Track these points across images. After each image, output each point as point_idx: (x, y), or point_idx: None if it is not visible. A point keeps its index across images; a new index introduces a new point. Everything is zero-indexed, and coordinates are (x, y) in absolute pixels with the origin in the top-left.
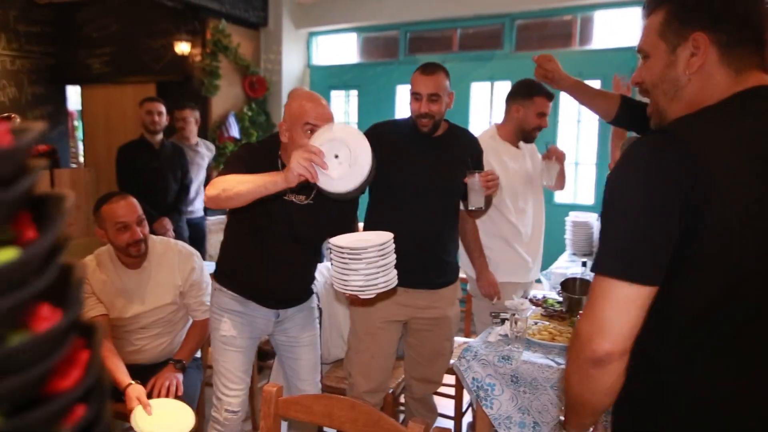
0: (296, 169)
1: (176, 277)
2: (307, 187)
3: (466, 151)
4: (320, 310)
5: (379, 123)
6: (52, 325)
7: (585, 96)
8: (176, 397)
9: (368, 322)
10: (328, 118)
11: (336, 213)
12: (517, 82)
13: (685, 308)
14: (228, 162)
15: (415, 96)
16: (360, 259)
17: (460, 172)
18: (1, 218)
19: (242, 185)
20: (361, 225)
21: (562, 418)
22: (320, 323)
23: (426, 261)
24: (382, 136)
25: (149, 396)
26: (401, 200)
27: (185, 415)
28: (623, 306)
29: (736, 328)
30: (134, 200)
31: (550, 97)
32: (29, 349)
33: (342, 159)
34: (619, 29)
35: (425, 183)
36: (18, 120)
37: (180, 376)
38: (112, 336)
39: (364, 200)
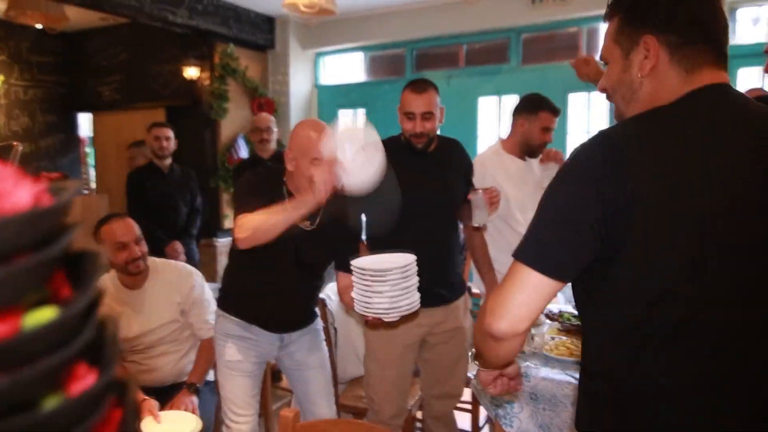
0: (321, 183)
1: (175, 294)
2: (311, 213)
3: (458, 159)
4: (335, 329)
5: None
6: (88, 387)
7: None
8: None
9: (389, 349)
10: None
11: (341, 238)
12: (523, 96)
13: (624, 308)
14: (240, 197)
15: (408, 116)
16: (384, 281)
17: (458, 184)
18: (39, 278)
19: (275, 218)
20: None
21: (474, 350)
22: (335, 342)
23: (435, 277)
24: None
25: None
26: (404, 220)
27: (191, 421)
28: (529, 293)
29: (672, 327)
30: (132, 221)
31: (556, 112)
32: (65, 413)
33: (353, 150)
34: None
35: (425, 199)
36: (20, 148)
37: (195, 400)
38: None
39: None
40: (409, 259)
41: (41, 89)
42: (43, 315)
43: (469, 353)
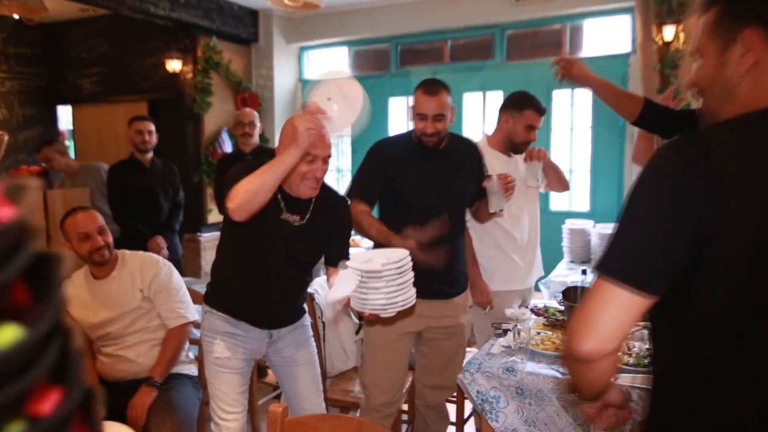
0: (302, 129)
1: (138, 281)
2: (301, 207)
3: (469, 158)
4: (323, 324)
5: (381, 141)
6: (54, 408)
7: (609, 96)
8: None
9: (385, 335)
10: (327, 146)
11: (331, 233)
12: (510, 93)
13: (697, 324)
14: (231, 179)
15: (421, 116)
16: (380, 277)
17: (467, 180)
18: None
19: (262, 176)
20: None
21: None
22: (323, 337)
23: (439, 273)
24: (388, 153)
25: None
26: (412, 214)
27: None
28: (618, 311)
29: (747, 348)
30: (95, 212)
31: (542, 111)
32: None
33: (335, 98)
34: (607, 37)
35: (434, 196)
36: (6, 137)
37: (154, 394)
38: (92, 350)
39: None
40: (401, 254)
41: (19, 81)
42: (6, 335)
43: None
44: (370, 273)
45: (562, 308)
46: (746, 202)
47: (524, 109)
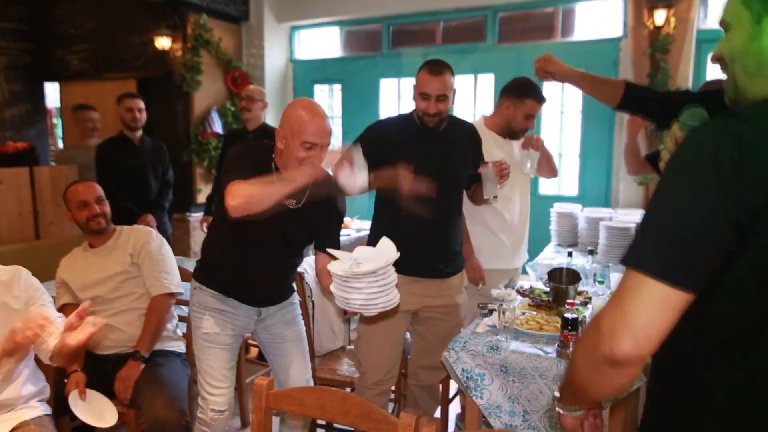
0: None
1: (129, 246)
2: (298, 191)
3: (467, 141)
4: (312, 303)
5: (378, 122)
6: None
7: (591, 86)
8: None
9: (380, 314)
10: (326, 134)
11: (325, 218)
12: (513, 79)
13: (732, 324)
14: (232, 164)
15: (423, 96)
16: (360, 281)
17: (465, 162)
18: None
19: (269, 189)
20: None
21: (557, 393)
22: (312, 317)
23: (435, 251)
24: (386, 131)
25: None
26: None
27: (112, 411)
28: (657, 307)
29: None
30: (95, 183)
31: (542, 100)
32: None
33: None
34: (599, 21)
35: (431, 174)
36: None
37: (140, 367)
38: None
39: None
40: (382, 261)
41: (5, 56)
42: None
43: (555, 393)
44: (349, 278)
45: (547, 289)
46: None
47: (526, 98)
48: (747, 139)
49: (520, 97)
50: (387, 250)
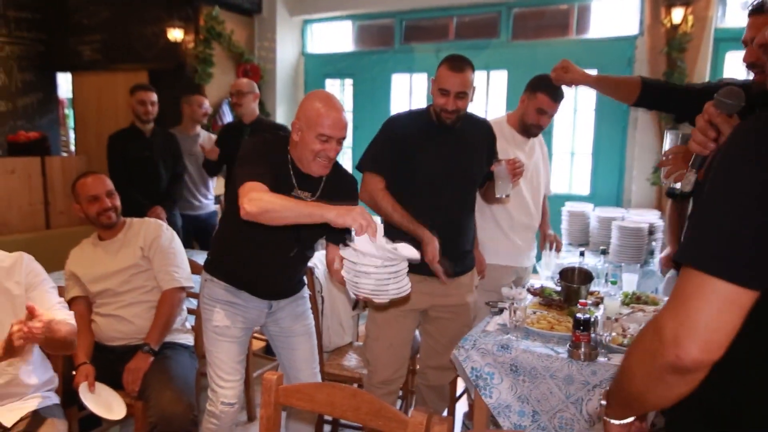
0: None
1: (140, 240)
2: (312, 184)
3: (483, 138)
4: (322, 298)
5: (395, 116)
6: None
7: (608, 88)
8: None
9: (390, 312)
10: (343, 127)
11: None
12: (536, 75)
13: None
14: (247, 158)
15: (443, 92)
16: (369, 263)
17: (479, 161)
18: None
19: (290, 209)
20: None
21: (603, 402)
22: (321, 311)
23: (446, 250)
24: (402, 128)
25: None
26: (423, 191)
27: (120, 404)
28: (724, 308)
29: None
30: (104, 176)
31: (555, 97)
32: None
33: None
34: (615, 18)
35: (446, 173)
36: None
37: (149, 360)
38: (90, 313)
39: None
40: (404, 252)
41: (19, 46)
42: None
43: (599, 404)
44: (359, 262)
45: (558, 289)
46: None
47: (538, 92)
48: None
49: (533, 90)
50: (407, 249)
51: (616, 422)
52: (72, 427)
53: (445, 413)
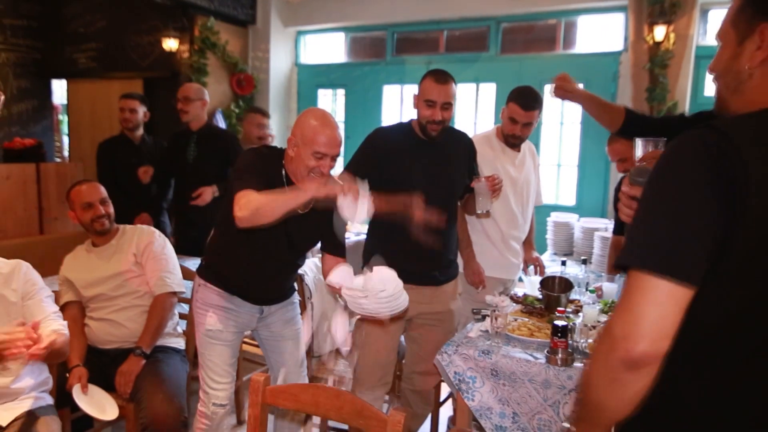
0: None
1: (133, 246)
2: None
3: (463, 151)
4: (312, 304)
5: (378, 129)
6: None
7: (595, 109)
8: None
9: (374, 320)
10: (337, 144)
11: (329, 221)
12: None
13: (706, 318)
14: (242, 172)
15: (428, 103)
16: (366, 298)
17: (460, 172)
18: None
19: (275, 203)
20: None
21: (567, 425)
22: (312, 316)
23: (430, 259)
24: (385, 142)
25: (110, 387)
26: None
27: (113, 406)
28: (665, 304)
29: (752, 347)
30: (99, 184)
31: (525, 106)
32: None
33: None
34: (601, 34)
35: (428, 184)
36: (2, 97)
37: (141, 363)
38: (83, 317)
39: None
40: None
41: (15, 53)
42: None
43: (564, 424)
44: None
45: (540, 297)
46: (766, 194)
47: (509, 102)
48: (731, 144)
49: (507, 101)
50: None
51: None
52: (65, 428)
53: (429, 417)
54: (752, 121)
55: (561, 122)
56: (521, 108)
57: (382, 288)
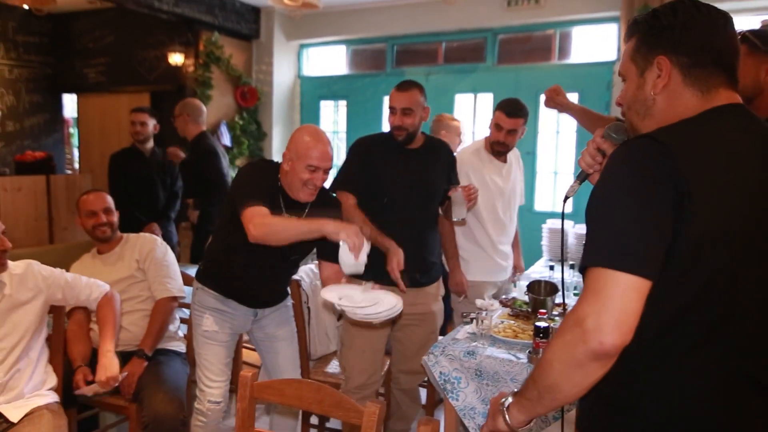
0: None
1: (136, 253)
2: (298, 208)
3: (442, 159)
4: (308, 309)
5: (361, 138)
6: None
7: (586, 119)
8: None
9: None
10: (329, 158)
11: None
12: None
13: (660, 309)
14: (245, 186)
15: (391, 110)
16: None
17: (438, 180)
18: None
19: (294, 229)
20: None
21: (510, 399)
22: (308, 322)
23: (411, 262)
24: (367, 148)
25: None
26: (387, 207)
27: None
28: (630, 297)
29: (705, 333)
30: (105, 194)
31: (510, 113)
32: None
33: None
34: (595, 45)
35: (408, 190)
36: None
37: (143, 365)
38: (88, 321)
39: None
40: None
41: (27, 69)
42: None
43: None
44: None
45: (527, 300)
46: (704, 187)
47: (496, 110)
48: (667, 149)
49: (494, 110)
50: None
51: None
52: (71, 428)
53: (421, 414)
54: (676, 130)
55: (557, 131)
56: (506, 115)
57: (375, 302)
